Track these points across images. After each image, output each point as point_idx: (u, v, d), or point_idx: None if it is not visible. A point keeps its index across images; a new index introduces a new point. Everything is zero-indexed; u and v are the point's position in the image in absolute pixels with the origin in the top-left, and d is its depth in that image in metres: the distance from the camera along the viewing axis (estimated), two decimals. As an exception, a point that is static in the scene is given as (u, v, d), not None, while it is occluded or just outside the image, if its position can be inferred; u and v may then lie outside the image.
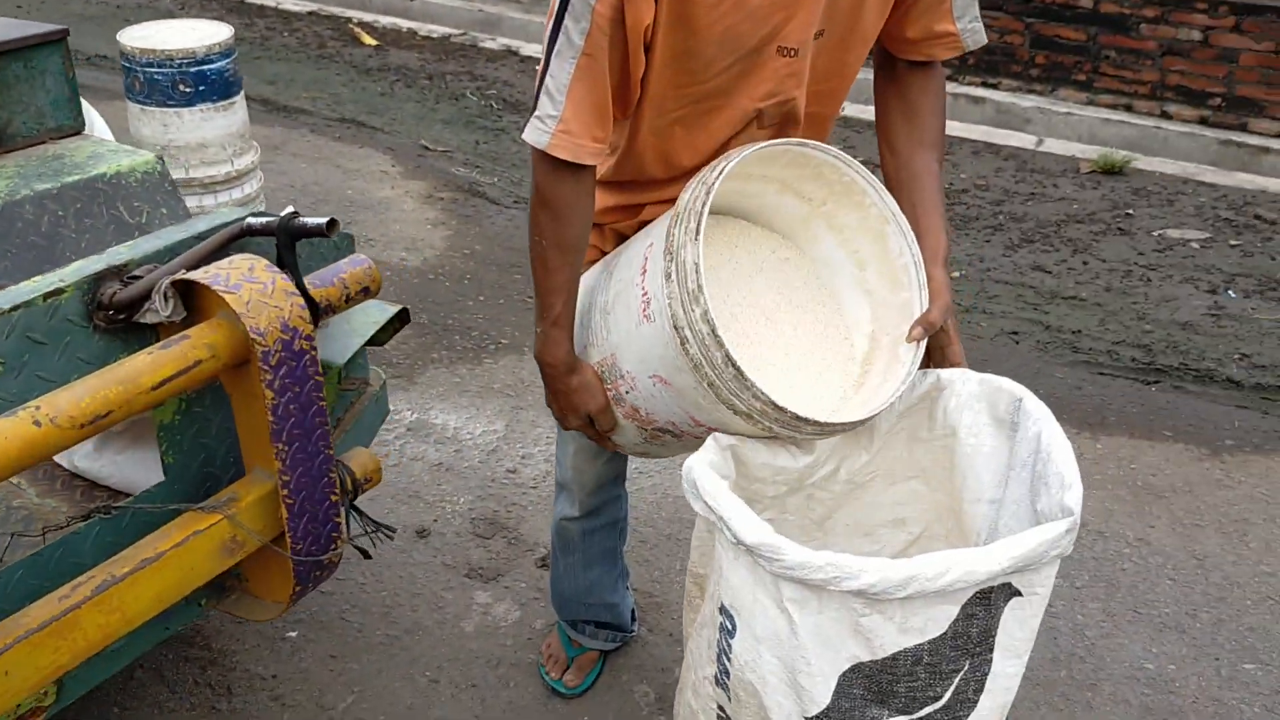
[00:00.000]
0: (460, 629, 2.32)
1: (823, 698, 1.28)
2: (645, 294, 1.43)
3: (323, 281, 1.62)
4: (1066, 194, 4.56)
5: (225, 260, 1.50)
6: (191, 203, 3.41)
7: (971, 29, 1.55)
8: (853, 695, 1.29)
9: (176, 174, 3.32)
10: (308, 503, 1.58)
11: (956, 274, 3.90)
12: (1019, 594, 1.30)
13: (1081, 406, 3.16)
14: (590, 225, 1.55)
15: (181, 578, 1.50)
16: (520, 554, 2.52)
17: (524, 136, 1.46)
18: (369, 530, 1.81)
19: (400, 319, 1.96)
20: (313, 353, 1.52)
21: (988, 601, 1.29)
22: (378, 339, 1.95)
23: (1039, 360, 3.39)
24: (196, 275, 1.46)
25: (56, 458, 1.84)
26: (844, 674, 1.28)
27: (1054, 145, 5.05)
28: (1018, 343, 3.49)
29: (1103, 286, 3.83)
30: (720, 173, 1.38)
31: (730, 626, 1.33)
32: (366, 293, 1.67)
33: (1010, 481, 1.42)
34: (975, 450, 1.47)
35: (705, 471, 1.33)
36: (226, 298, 1.44)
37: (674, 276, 1.36)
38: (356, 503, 1.78)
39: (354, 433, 2.02)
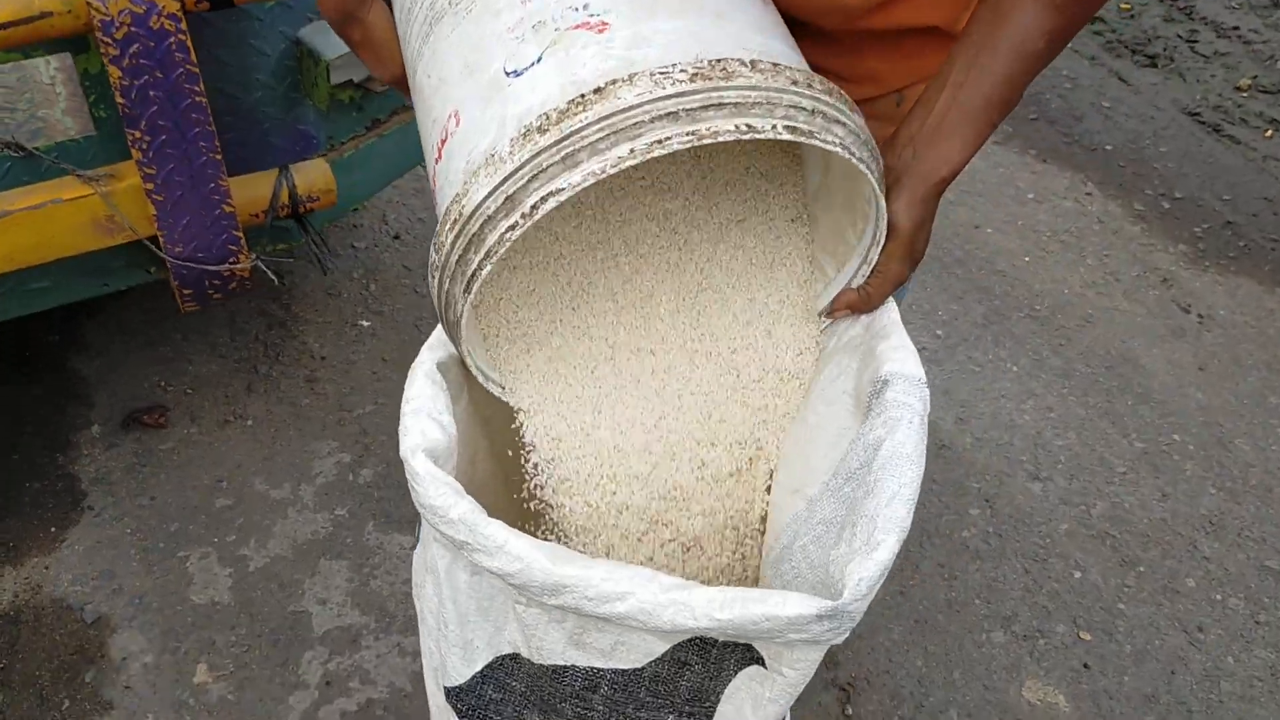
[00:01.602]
0: (511, 379, 2.11)
1: (459, 673, 0.95)
2: (443, 140, 0.86)
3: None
4: None
5: (114, -100, 1.25)
6: None
7: None
8: (510, 688, 0.95)
9: None
10: (185, 204, 1.39)
11: None
12: (760, 663, 0.86)
13: None
14: None
15: (38, 242, 1.40)
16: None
17: None
18: (312, 249, 1.61)
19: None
20: (180, 37, 1.27)
21: (708, 655, 0.86)
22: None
23: None
24: (67, -91, 1.23)
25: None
26: (503, 658, 0.94)
27: None
28: None
29: None
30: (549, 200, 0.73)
31: (422, 555, 1.00)
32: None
33: (827, 491, 0.90)
34: (819, 426, 0.95)
35: (434, 340, 0.96)
36: (74, -56, 1.21)
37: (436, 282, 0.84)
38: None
39: (371, 155, 1.76)
